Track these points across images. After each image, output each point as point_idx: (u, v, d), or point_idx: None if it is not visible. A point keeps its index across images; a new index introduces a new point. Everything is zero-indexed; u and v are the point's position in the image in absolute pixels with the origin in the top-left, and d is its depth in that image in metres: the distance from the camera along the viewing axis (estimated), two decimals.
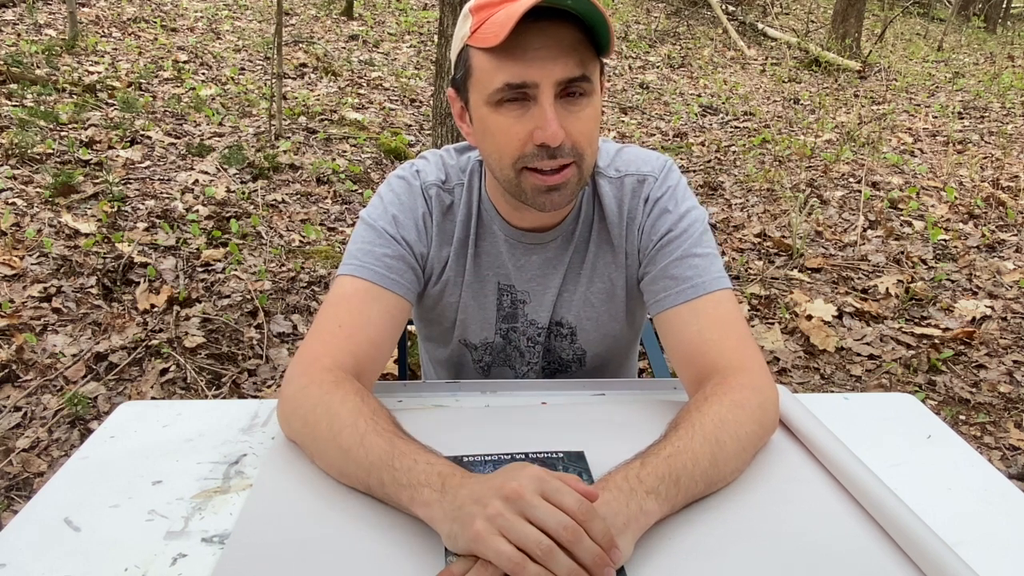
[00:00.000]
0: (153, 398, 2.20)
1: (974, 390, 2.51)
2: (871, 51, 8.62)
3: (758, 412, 0.86)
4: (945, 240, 3.71)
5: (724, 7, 9.72)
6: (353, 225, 3.57)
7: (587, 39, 0.84)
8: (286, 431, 0.87)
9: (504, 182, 0.92)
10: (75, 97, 4.50)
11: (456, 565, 0.65)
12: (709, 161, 4.91)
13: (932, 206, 4.15)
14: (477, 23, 0.86)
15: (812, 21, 10.53)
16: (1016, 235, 3.83)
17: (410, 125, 5.10)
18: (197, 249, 3.05)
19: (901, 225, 3.90)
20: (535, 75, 0.83)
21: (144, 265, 2.84)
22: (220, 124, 4.53)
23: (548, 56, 0.82)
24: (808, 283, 3.25)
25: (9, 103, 4.19)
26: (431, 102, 4.13)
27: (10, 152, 3.54)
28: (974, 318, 2.96)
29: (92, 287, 2.68)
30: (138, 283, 2.74)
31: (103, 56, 5.42)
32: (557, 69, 0.83)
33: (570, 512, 0.63)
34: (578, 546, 0.62)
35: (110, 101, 4.54)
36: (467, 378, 1.16)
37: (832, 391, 2.50)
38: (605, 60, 0.91)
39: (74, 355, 2.33)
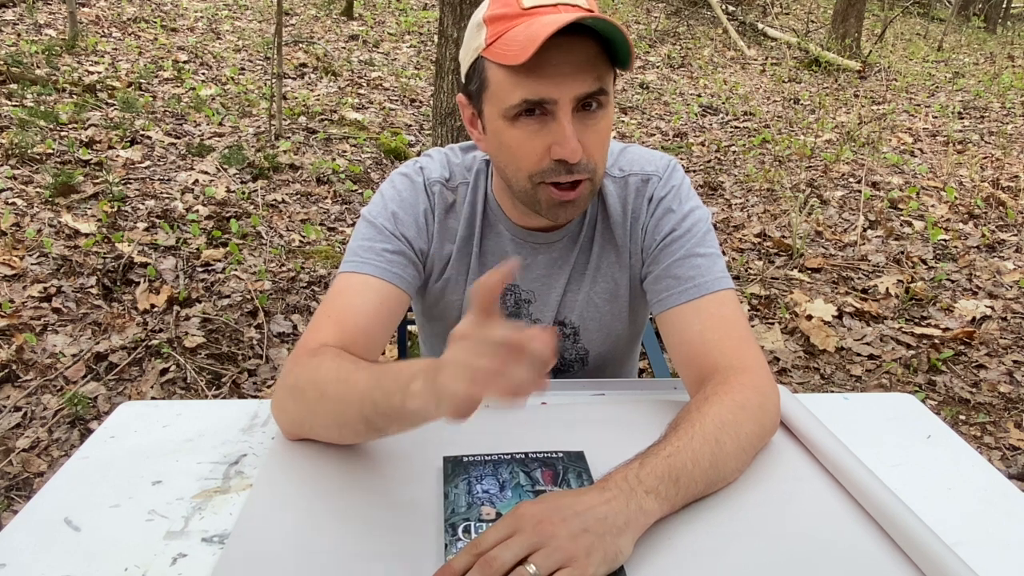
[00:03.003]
0: (153, 398, 2.20)
1: (974, 390, 2.51)
2: (871, 51, 8.63)
3: (759, 413, 0.86)
4: (945, 240, 3.71)
5: (724, 7, 9.72)
6: (353, 225, 3.57)
7: (604, 52, 0.84)
8: (283, 423, 0.88)
9: (519, 192, 0.92)
10: (75, 97, 4.50)
11: (456, 560, 0.65)
12: (709, 161, 4.91)
13: (932, 206, 4.15)
14: (493, 35, 0.85)
15: (812, 21, 10.53)
16: (1016, 235, 3.83)
17: (410, 125, 5.10)
18: (197, 249, 3.05)
19: (901, 225, 3.90)
20: (553, 92, 0.82)
21: (144, 265, 2.84)
22: (220, 124, 4.53)
23: (567, 72, 0.82)
24: (808, 283, 3.25)
25: (9, 103, 4.19)
26: (431, 102, 4.13)
27: (10, 152, 3.54)
28: (974, 318, 2.96)
29: (92, 287, 2.68)
30: (138, 283, 2.74)
31: (103, 56, 5.42)
32: (576, 85, 0.83)
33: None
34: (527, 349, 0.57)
35: (110, 101, 4.54)
36: None
37: (832, 391, 2.50)
38: (627, 72, 0.91)
39: (74, 355, 2.33)
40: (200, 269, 2.93)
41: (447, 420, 0.61)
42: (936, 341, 2.78)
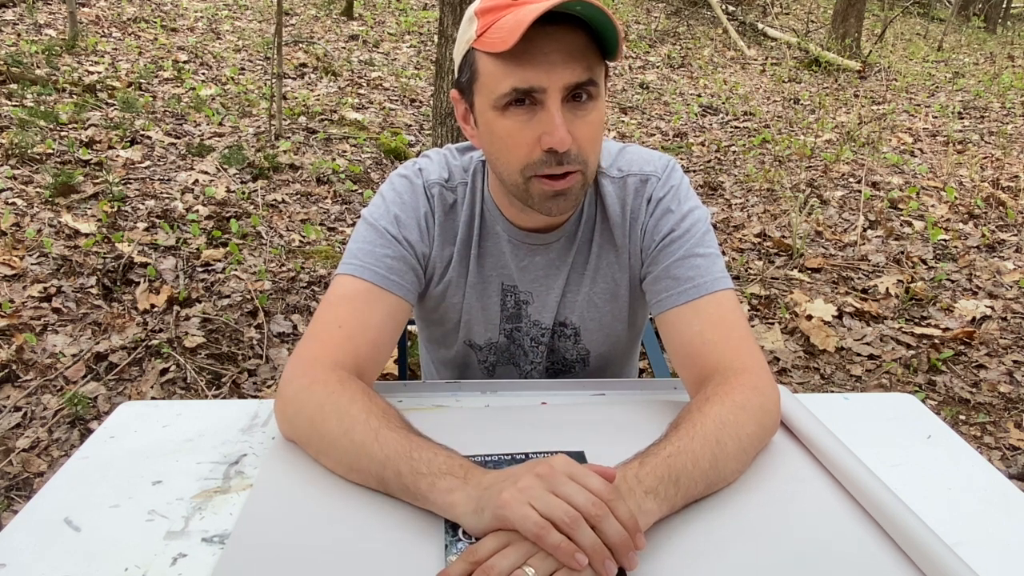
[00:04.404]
0: (153, 398, 2.20)
1: (974, 390, 2.51)
2: (871, 51, 8.63)
3: (759, 413, 0.85)
4: (945, 240, 3.71)
5: (724, 7, 9.72)
6: (353, 225, 3.57)
7: (594, 43, 0.84)
8: (286, 430, 0.87)
9: (511, 186, 0.92)
10: (75, 97, 4.50)
11: (452, 568, 0.65)
12: (709, 161, 4.91)
13: (932, 206, 4.15)
14: (483, 26, 0.86)
15: (812, 21, 10.53)
16: (1016, 235, 3.83)
17: (410, 125, 5.10)
18: (197, 249, 3.05)
19: (901, 225, 3.90)
20: (543, 80, 0.82)
21: (144, 265, 2.84)
22: (220, 124, 4.53)
23: (556, 61, 0.82)
24: (808, 283, 3.25)
25: (9, 103, 4.19)
26: (431, 102, 4.14)
27: (10, 152, 3.54)
28: (974, 318, 2.96)
29: (92, 287, 2.68)
30: (138, 283, 2.74)
31: (103, 56, 5.42)
32: (565, 74, 0.83)
33: (597, 493, 0.66)
34: (605, 522, 0.64)
35: (110, 101, 4.54)
36: (472, 378, 1.16)
37: (832, 391, 2.50)
38: (611, 63, 0.91)
39: (74, 355, 2.33)
40: (200, 269, 2.93)
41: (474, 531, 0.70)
42: (936, 341, 2.78)
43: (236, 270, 2.93)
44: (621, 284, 1.06)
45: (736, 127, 5.78)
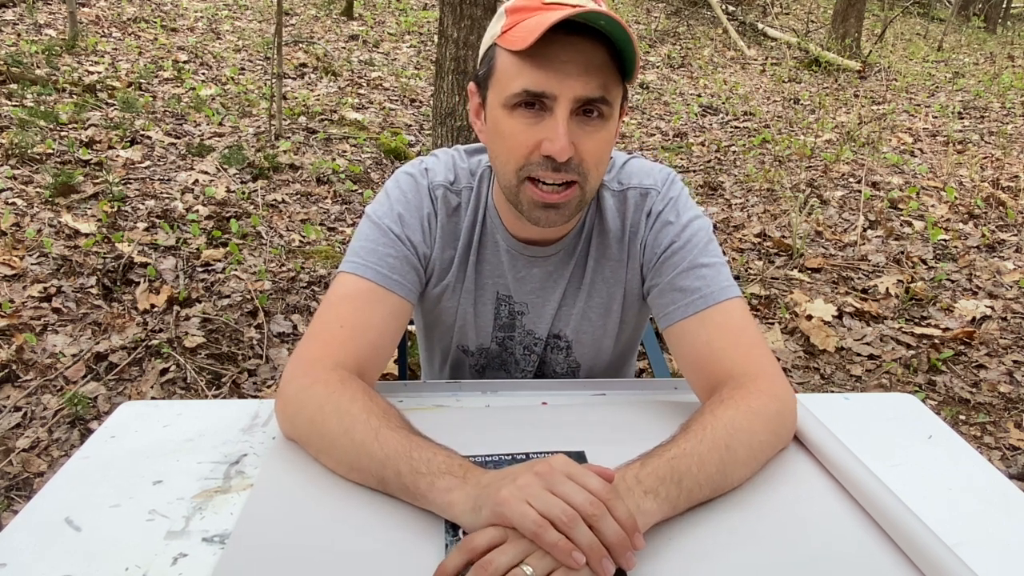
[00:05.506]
0: (153, 398, 2.20)
1: (974, 390, 2.51)
2: (871, 51, 8.62)
3: (774, 421, 0.85)
4: (945, 240, 3.71)
5: (724, 7, 9.72)
6: (353, 225, 3.57)
7: (614, 63, 0.84)
8: (287, 430, 0.87)
9: (505, 187, 0.92)
10: (75, 97, 4.49)
11: (449, 560, 0.65)
12: (709, 161, 4.91)
13: (932, 206, 4.15)
14: (509, 24, 0.86)
15: (812, 21, 10.53)
16: (1016, 235, 3.83)
17: (410, 125, 5.10)
18: (197, 249, 3.05)
19: (901, 225, 3.90)
20: (555, 87, 0.82)
21: (144, 265, 2.84)
22: (220, 124, 4.53)
23: (572, 71, 0.82)
24: (808, 283, 3.25)
25: (9, 103, 4.19)
26: (431, 102, 4.13)
27: (10, 152, 3.54)
28: (974, 318, 2.96)
29: (92, 287, 2.68)
30: (138, 283, 2.74)
31: (103, 56, 5.42)
32: (578, 86, 0.82)
33: (595, 493, 0.66)
34: (602, 522, 0.64)
35: (110, 101, 4.54)
36: (465, 379, 1.16)
37: (832, 391, 2.50)
38: (629, 86, 0.90)
39: (74, 355, 2.33)
40: (200, 269, 2.93)
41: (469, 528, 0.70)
42: (936, 341, 2.78)
43: (236, 270, 2.93)
44: (615, 299, 1.06)
45: (736, 127, 5.78)
